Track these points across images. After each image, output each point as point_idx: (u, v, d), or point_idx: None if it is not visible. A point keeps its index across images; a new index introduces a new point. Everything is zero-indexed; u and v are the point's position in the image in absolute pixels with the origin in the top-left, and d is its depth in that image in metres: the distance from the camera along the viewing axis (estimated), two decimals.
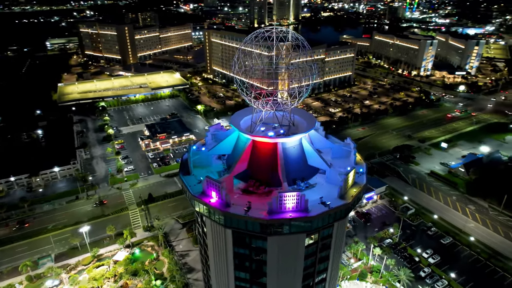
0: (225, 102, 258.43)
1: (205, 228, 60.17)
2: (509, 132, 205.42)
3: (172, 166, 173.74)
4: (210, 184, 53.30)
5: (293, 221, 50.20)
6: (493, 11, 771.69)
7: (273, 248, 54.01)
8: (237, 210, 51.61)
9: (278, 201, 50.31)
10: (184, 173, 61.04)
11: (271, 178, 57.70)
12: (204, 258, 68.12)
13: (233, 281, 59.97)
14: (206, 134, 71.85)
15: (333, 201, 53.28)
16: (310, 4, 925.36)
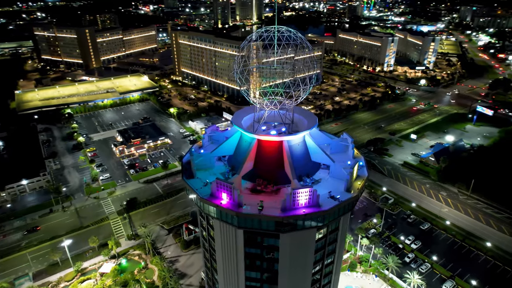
0: (197, 104, 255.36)
1: (213, 231, 59.54)
2: (468, 121, 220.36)
3: (150, 172, 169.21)
4: (220, 186, 52.87)
5: (307, 217, 51.11)
6: (441, 10, 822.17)
7: (285, 245, 54.64)
8: (249, 209, 51.66)
9: (291, 198, 51.02)
10: (187, 176, 59.94)
11: (278, 176, 58.28)
12: (209, 262, 67.28)
13: (244, 282, 59.85)
14: (203, 136, 70.96)
15: (341, 195, 54.85)
16: (272, 4, 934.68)
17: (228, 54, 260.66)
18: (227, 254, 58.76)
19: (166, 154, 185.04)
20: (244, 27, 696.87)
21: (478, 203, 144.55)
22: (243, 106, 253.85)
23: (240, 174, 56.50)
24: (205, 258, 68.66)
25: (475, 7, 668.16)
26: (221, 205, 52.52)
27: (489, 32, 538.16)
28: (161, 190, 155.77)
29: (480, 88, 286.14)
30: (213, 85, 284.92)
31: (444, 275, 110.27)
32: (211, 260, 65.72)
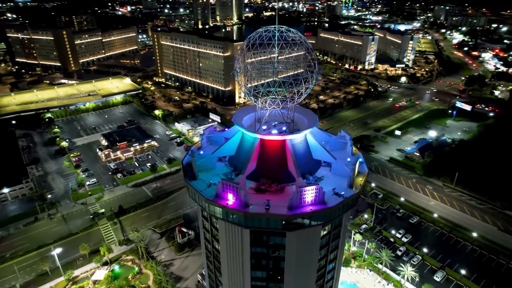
0: (182, 106, 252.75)
1: (217, 232, 59.25)
2: (448, 117, 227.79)
3: (139, 175, 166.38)
4: (226, 186, 52.70)
5: (314, 214, 51.66)
6: (416, 9, 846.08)
7: (292, 243, 55.02)
8: (256, 209, 51.76)
9: (298, 196, 51.45)
10: (189, 178, 59.36)
11: (281, 175, 58.62)
12: (212, 264, 66.79)
13: (249, 281, 59.84)
14: (202, 137, 70.44)
15: (344, 191, 55.73)
16: (252, 4, 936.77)
17: (212, 54, 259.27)
18: (232, 254, 58.59)
19: (153, 157, 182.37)
20: (225, 27, 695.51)
21: (462, 195, 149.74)
22: (229, 107, 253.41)
23: (245, 174, 56.47)
24: (207, 260, 68.16)
25: (448, 6, 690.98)
26: (227, 205, 52.36)
27: (462, 30, 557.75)
28: (150, 193, 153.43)
29: (457, 85, 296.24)
30: (197, 86, 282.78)
31: (435, 266, 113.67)
32: (214, 262, 65.33)
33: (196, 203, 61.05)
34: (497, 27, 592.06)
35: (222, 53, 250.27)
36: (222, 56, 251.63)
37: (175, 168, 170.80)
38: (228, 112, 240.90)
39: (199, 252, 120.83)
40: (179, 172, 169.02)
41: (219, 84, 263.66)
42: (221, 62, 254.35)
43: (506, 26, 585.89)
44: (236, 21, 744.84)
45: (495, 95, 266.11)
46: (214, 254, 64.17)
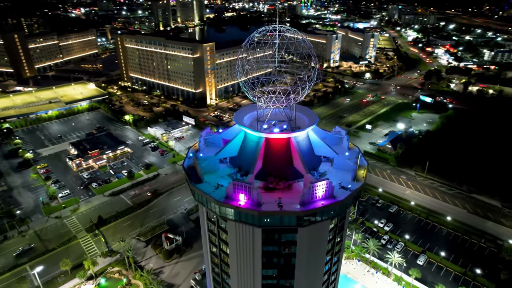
0: (152, 109, 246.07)
1: (225, 235, 58.74)
2: (413, 110, 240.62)
3: (115, 183, 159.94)
4: (238, 187, 52.42)
5: (326, 208, 52.81)
6: (372, 8, 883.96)
7: (303, 239, 55.83)
8: (269, 207, 52.03)
9: (310, 191, 52.35)
10: (195, 181, 58.30)
11: (288, 172, 59.26)
12: (218, 267, 65.93)
13: (260, 280, 59.92)
14: (199, 139, 69.34)
15: (350, 184, 57.53)
16: (212, 5, 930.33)
17: (180, 56, 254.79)
18: (243, 255, 58.35)
19: (128, 164, 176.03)
20: (187, 28, 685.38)
21: (434, 182, 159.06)
22: (201, 109, 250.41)
23: (254, 173, 56.50)
24: (212, 264, 67.15)
25: (401, 6, 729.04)
26: (241, 206, 52.13)
27: (415, 28, 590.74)
28: (130, 201, 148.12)
29: (417, 79, 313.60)
30: (166, 89, 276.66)
31: (417, 251, 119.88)
32: (221, 265, 64.61)
33: (204, 207, 60.09)
34: (445, 24, 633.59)
35: (191, 54, 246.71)
36: (191, 58, 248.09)
37: (153, 174, 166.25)
38: (201, 114, 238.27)
39: (189, 258, 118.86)
40: (157, 177, 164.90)
41: (189, 86, 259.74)
42: (191, 64, 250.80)
43: (452, 24, 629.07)
44: (198, 22, 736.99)
45: (451, 88, 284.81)
46: (221, 257, 63.48)
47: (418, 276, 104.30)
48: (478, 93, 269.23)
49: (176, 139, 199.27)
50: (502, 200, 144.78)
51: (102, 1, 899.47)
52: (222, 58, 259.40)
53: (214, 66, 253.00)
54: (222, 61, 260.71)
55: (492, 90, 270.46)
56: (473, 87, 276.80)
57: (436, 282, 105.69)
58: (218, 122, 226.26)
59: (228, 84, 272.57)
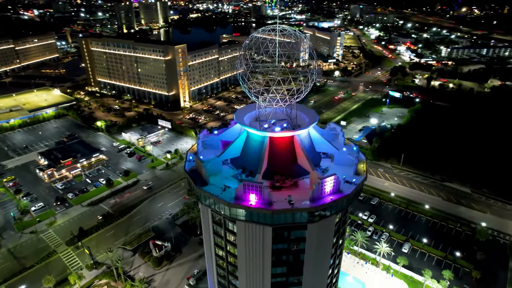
0: (124, 115, 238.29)
1: (234, 236, 58.34)
2: (383, 105, 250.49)
3: (93, 192, 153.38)
4: (248, 187, 52.26)
5: (334, 203, 53.95)
6: (334, 8, 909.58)
7: (312, 234, 56.66)
8: (280, 206, 52.35)
9: (319, 187, 53.23)
10: (201, 184, 57.38)
11: (293, 170, 59.89)
12: (225, 270, 65.25)
13: (270, 279, 60.07)
14: (197, 141, 68.28)
15: (354, 179, 59.19)
16: (176, 6, 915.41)
17: (151, 59, 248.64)
18: (252, 255, 58.20)
19: (105, 171, 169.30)
20: (151, 30, 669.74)
21: (409, 173, 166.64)
22: (175, 112, 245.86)
23: (261, 173, 56.55)
24: (218, 267, 66.28)
25: (362, 5, 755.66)
26: (252, 206, 52.02)
27: (376, 27, 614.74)
28: (110, 210, 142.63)
29: (384, 75, 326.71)
30: (137, 93, 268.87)
31: (401, 239, 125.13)
32: (228, 267, 63.99)
33: (209, 209, 59.35)
34: (403, 23, 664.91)
35: (163, 57, 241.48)
36: (163, 60, 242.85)
37: (132, 181, 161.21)
38: (175, 117, 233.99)
39: (179, 264, 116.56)
40: (137, 184, 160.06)
41: (162, 89, 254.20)
42: (163, 66, 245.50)
43: (410, 23, 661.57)
44: (163, 24, 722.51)
45: (416, 83, 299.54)
46: (227, 259, 62.89)
47: (405, 264, 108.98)
48: (440, 87, 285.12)
49: (153, 144, 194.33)
50: (471, 186, 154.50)
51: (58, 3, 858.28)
52: (194, 60, 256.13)
53: (186, 68, 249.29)
54: (195, 63, 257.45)
55: (452, 84, 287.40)
56: (435, 82, 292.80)
57: (421, 268, 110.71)
58: (194, 125, 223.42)
59: (201, 85, 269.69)
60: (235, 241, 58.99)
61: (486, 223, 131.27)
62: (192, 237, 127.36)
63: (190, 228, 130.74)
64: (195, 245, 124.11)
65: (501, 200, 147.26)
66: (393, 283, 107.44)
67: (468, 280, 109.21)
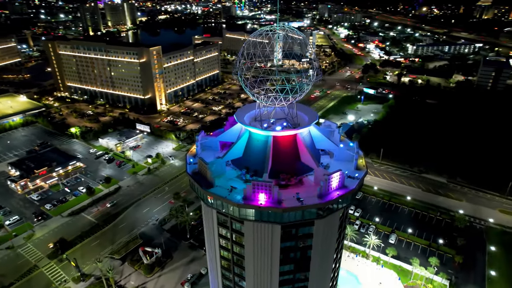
0: (99, 120, 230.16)
1: (241, 237, 58.07)
2: (358, 102, 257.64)
3: (73, 202, 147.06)
4: (258, 187, 52.16)
5: (341, 198, 55.00)
6: (303, 8, 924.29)
7: (319, 230, 57.48)
8: (289, 203, 52.70)
9: (327, 183, 54.07)
10: (207, 186, 56.61)
11: (297, 167, 60.42)
12: (231, 271, 64.66)
13: (277, 277, 60.31)
14: (196, 144, 67.29)
15: (357, 174, 60.68)
16: (143, 8, 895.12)
17: (125, 62, 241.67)
18: (260, 255, 58.14)
19: (85, 179, 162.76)
20: (119, 33, 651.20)
21: (389, 167, 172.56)
22: (152, 115, 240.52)
23: (268, 172, 56.60)
24: (223, 270, 65.55)
25: (330, 5, 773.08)
26: (262, 205, 51.99)
27: (345, 26, 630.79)
28: (93, 219, 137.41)
29: (356, 73, 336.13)
30: (111, 97, 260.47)
31: (387, 231, 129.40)
32: (234, 268, 63.49)
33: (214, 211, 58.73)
34: (370, 22, 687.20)
35: (137, 59, 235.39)
36: (137, 63, 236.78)
37: (114, 187, 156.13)
38: (153, 121, 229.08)
39: (171, 269, 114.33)
40: (120, 191, 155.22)
41: (137, 92, 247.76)
42: (137, 69, 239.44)
43: (376, 22, 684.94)
44: (131, 26, 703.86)
45: (387, 79, 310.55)
46: (233, 260, 62.44)
47: (394, 254, 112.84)
48: (409, 83, 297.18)
49: (132, 149, 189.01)
50: (447, 176, 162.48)
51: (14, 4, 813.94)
52: (169, 62, 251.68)
53: (162, 70, 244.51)
54: (170, 65, 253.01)
55: (420, 80, 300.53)
56: (405, 78, 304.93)
57: (408, 257, 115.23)
58: (173, 128, 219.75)
59: (177, 88, 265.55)
60: (242, 241, 58.77)
61: (463, 210, 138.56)
62: (182, 242, 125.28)
63: (179, 233, 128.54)
64: (185, 249, 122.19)
65: (474, 188, 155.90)
66: (384, 273, 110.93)
67: (452, 265, 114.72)
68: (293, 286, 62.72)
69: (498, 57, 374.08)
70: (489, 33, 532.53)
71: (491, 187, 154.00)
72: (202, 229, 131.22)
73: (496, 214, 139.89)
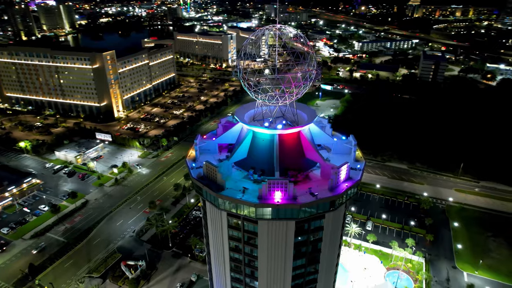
0: (50, 132, 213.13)
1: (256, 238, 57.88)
2: (316, 98, 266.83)
3: (34, 222, 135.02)
4: (273, 185, 52.29)
5: (349, 189, 57.09)
6: (249, 8, 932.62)
7: (328, 222, 59.09)
8: (304, 199, 53.57)
9: (337, 176, 55.79)
10: (217, 190, 55.50)
11: (302, 163, 61.45)
12: (242, 273, 63.93)
13: (290, 273, 61.02)
14: (195, 147, 65.52)
15: (359, 165, 63.43)
16: (81, 11, 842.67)
17: (75, 68, 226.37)
18: (274, 252, 58.26)
19: (46, 197, 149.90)
20: (57, 37, 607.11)
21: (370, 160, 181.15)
22: (109, 123, 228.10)
23: (278, 170, 56.90)
24: (234, 273, 64.49)
25: (275, 5, 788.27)
26: (279, 203, 52.26)
27: (292, 25, 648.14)
28: (62, 238, 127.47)
29: None
30: (62, 107, 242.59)
31: (363, 219, 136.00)
32: (245, 269, 62.85)
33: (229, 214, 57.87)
34: (316, 21, 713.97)
35: (89, 65, 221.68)
36: (90, 69, 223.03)
37: (81, 202, 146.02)
38: (112, 129, 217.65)
39: (158, 280, 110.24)
40: (87, 205, 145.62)
41: (92, 100, 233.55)
42: (90, 76, 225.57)
43: (321, 20, 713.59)
44: (70, 30, 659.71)
45: (340, 75, 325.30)
46: (245, 261, 61.86)
47: (374, 240, 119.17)
48: (361, 78, 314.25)
49: (94, 160, 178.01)
50: (408, 163, 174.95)
51: None
52: (124, 67, 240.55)
53: (117, 76, 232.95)
54: (125, 70, 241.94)
55: (370, 74, 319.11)
56: (356, 73, 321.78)
57: (386, 241, 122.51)
58: (135, 135, 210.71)
59: (134, 93, 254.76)
60: (255, 242, 58.58)
61: (426, 193, 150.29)
62: (164, 251, 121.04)
63: (160, 242, 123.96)
64: (169, 259, 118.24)
65: (432, 171, 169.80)
66: (367, 259, 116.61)
67: (424, 244, 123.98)
68: (304, 280, 63.89)
69: (433, 51, 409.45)
70: (422, 30, 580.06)
71: (446, 169, 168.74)
72: (183, 236, 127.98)
73: (453, 193, 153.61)
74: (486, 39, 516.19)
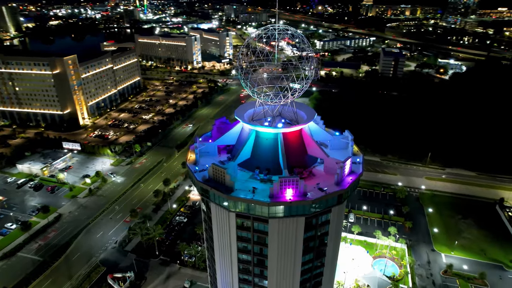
0: (8, 143, 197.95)
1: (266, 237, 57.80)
2: None
3: (1, 242, 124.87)
4: (285, 183, 52.41)
5: (354, 183, 58.69)
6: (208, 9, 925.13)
7: (334, 216, 60.35)
8: (314, 195, 54.29)
9: (342, 170, 57.12)
10: (226, 192, 54.70)
11: (305, 160, 62.18)
12: (250, 273, 63.39)
13: (300, 269, 61.53)
14: (195, 151, 64.00)
15: (358, 158, 65.38)
16: (27, 13, 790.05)
17: (33, 75, 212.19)
18: (284, 250, 58.36)
19: (13, 214, 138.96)
20: (1, 41, 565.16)
21: None
22: (75, 131, 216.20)
23: (285, 168, 57.11)
24: (241, 274, 63.71)
25: (235, 6, 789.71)
26: (291, 200, 52.53)
27: (253, 25, 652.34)
28: (36, 256, 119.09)
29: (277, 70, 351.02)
30: (18, 116, 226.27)
31: (345, 212, 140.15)
32: (254, 269, 62.38)
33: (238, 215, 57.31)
34: (275, 21, 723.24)
35: (49, 70, 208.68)
36: (50, 75, 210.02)
37: (53, 216, 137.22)
38: (79, 137, 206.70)
39: None
40: (61, 219, 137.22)
41: (53, 108, 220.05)
42: (50, 82, 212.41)
43: (281, 20, 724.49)
44: (15, 34, 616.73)
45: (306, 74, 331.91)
46: (254, 261, 61.46)
47: (359, 231, 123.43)
48: (326, 76, 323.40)
49: (62, 171, 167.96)
50: (380, 155, 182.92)
51: None
52: (87, 72, 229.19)
53: (80, 81, 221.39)
54: (88, 75, 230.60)
55: (335, 72, 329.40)
56: (321, 71, 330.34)
57: (369, 232, 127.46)
58: (104, 142, 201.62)
59: (99, 99, 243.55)
60: (265, 241, 58.52)
61: (400, 182, 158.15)
62: (151, 260, 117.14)
63: (145, 251, 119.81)
64: (158, 267, 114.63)
65: (403, 162, 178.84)
66: (354, 250, 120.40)
67: (404, 231, 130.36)
68: (311, 274, 64.81)
69: (390, 48, 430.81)
70: (377, 28, 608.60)
71: (415, 159, 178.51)
72: (169, 243, 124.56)
73: (424, 181, 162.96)
74: (434, 37, 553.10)
